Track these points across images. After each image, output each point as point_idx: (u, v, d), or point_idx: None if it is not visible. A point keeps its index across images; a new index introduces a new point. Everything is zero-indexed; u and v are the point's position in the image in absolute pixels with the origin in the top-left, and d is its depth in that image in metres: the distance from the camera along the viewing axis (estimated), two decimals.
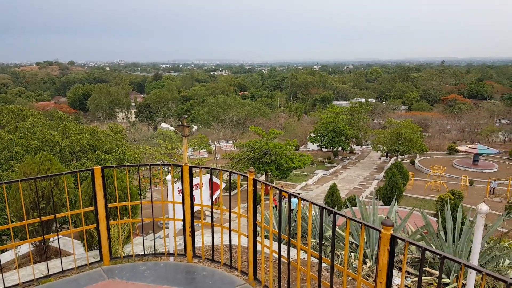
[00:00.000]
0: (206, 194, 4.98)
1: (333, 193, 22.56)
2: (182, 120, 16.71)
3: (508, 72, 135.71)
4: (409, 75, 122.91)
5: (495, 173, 38.72)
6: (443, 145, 53.23)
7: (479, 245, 3.30)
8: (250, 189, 3.76)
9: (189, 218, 4.57)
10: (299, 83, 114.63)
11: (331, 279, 2.98)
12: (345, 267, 2.90)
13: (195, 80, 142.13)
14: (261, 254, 4.01)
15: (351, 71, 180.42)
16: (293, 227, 7.76)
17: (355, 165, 45.82)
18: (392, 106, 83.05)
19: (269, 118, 69.08)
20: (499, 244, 6.83)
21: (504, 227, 19.01)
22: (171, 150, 26.35)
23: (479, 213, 3.28)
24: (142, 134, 57.83)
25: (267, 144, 31.46)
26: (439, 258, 6.12)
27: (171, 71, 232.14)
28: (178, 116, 79.22)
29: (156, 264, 4.61)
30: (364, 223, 2.64)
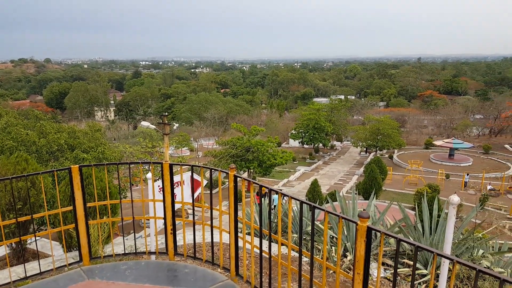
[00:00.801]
0: (188, 192, 4.97)
1: (315, 189, 22.82)
2: (163, 118, 16.53)
3: (481, 69, 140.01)
4: (387, 72, 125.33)
5: (470, 167, 39.97)
6: (420, 140, 54.55)
7: (451, 235, 3.44)
8: (231, 186, 3.79)
9: (170, 216, 4.56)
10: (280, 80, 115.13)
11: (311, 272, 3.05)
12: (324, 260, 2.97)
13: (175, 77, 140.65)
14: (243, 250, 4.05)
15: (330, 68, 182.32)
16: (275, 222, 7.84)
17: (336, 161, 46.45)
18: (370, 103, 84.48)
19: (251, 115, 69.14)
20: (473, 235, 7.09)
21: (478, 218, 19.68)
22: (152, 149, 26.06)
23: (451, 204, 3.41)
24: (121, 132, 56.83)
25: (249, 141, 31.50)
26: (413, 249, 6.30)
27: (151, 68, 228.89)
28: (158, 114, 78.25)
29: (137, 263, 4.59)
30: (341, 215, 2.71)
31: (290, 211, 3.31)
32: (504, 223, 23.78)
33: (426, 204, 7.02)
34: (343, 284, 5.08)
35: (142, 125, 18.43)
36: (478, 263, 6.64)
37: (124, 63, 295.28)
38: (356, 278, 2.69)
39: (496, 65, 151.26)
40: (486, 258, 6.80)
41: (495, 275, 2.15)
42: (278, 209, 3.41)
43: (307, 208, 7.76)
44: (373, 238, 6.59)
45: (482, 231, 11.51)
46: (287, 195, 3.24)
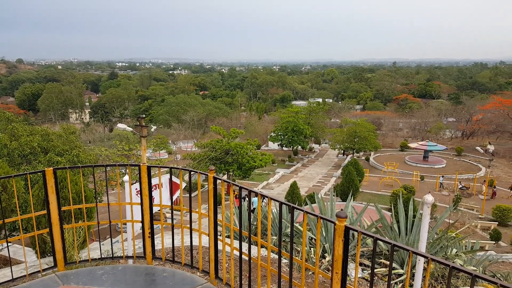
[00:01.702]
0: (166, 195, 4.92)
1: (294, 191, 23.00)
2: (140, 120, 16.25)
3: (454, 73, 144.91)
4: (363, 76, 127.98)
5: (444, 169, 41.20)
6: (396, 142, 55.86)
7: (426, 234, 3.54)
8: (211, 187, 3.77)
9: (148, 219, 4.50)
10: (259, 83, 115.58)
11: (290, 273, 3.07)
12: (303, 261, 3.00)
13: (153, 79, 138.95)
14: (225, 253, 4.03)
15: (308, 72, 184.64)
16: (254, 225, 7.84)
17: (314, 163, 46.94)
18: (347, 106, 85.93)
19: (230, 117, 69.03)
20: (446, 234, 7.32)
21: (451, 218, 20.30)
22: (128, 151, 25.59)
23: (425, 203, 3.51)
24: (97, 135, 55.65)
25: (228, 144, 31.42)
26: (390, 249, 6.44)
27: (127, 69, 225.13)
28: (135, 116, 77.12)
29: (114, 268, 4.49)
30: (320, 216, 2.75)
31: (270, 213, 3.32)
32: (476, 223, 24.62)
33: (402, 205, 7.19)
34: (322, 285, 5.13)
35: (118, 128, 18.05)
36: (452, 262, 6.85)
37: (100, 64, 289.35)
38: (335, 278, 2.72)
39: (468, 69, 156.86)
40: (459, 257, 7.02)
41: (467, 271, 2.22)
42: (258, 211, 3.42)
43: (286, 210, 7.82)
44: (351, 239, 6.70)
45: (455, 231, 11.89)
46: (266, 197, 3.25)
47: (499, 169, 41.58)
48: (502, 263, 14.02)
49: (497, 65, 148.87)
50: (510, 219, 24.88)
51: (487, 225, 24.28)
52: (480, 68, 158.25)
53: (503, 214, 24.71)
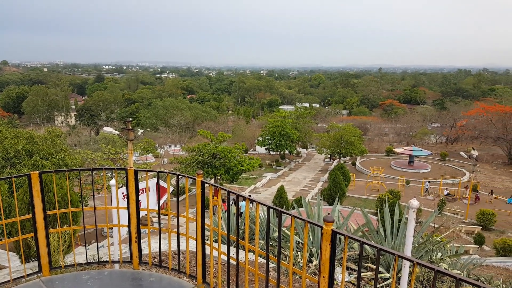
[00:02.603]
0: (153, 199, 4.88)
1: (281, 195, 23.03)
2: (127, 123, 16.06)
3: (438, 80, 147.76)
4: (349, 81, 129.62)
5: (429, 173, 41.87)
6: (382, 147, 56.57)
7: (411, 238, 3.60)
8: (199, 192, 3.77)
9: (134, 223, 4.46)
10: (247, 88, 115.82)
11: (277, 277, 3.09)
12: (291, 264, 3.02)
13: (140, 82, 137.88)
14: (212, 257, 4.02)
15: (296, 77, 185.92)
16: (242, 229, 7.83)
17: (301, 168, 47.17)
18: (334, 111, 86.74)
19: (217, 121, 68.91)
20: (431, 238, 7.43)
21: (436, 223, 20.60)
22: (115, 155, 25.32)
23: (411, 207, 3.57)
24: (83, 138, 54.79)
25: (216, 148, 31.34)
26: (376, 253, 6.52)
27: (114, 72, 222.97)
28: (122, 119, 76.33)
29: (100, 273, 4.44)
30: (307, 220, 2.78)
31: (258, 217, 3.34)
32: (460, 227, 25.05)
33: (388, 210, 7.29)
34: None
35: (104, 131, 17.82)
36: (437, 266, 6.96)
37: (86, 67, 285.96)
38: (322, 282, 2.75)
39: (452, 76, 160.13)
40: (444, 261, 7.14)
41: (451, 274, 2.27)
42: (245, 215, 3.43)
43: (274, 214, 7.84)
44: (338, 243, 6.75)
45: (440, 235, 12.07)
46: (254, 201, 3.27)
47: (482, 174, 42.48)
48: (485, 267, 14.30)
49: (480, 72, 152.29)
50: (493, 223, 25.40)
51: (471, 229, 24.73)
52: (464, 74, 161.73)
53: (486, 218, 25.21)
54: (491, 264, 16.21)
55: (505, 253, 19.38)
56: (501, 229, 25.48)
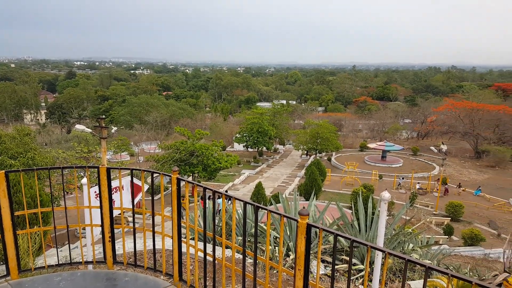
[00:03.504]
0: (127, 198, 4.80)
1: (259, 191, 23.16)
2: (100, 120, 15.67)
3: (410, 77, 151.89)
4: (325, 79, 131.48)
5: (401, 168, 43.03)
6: (356, 143, 57.68)
7: (383, 229, 3.70)
8: (174, 189, 3.73)
9: (108, 223, 4.37)
10: (224, 84, 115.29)
11: (254, 271, 3.10)
12: (267, 259, 3.04)
13: (113, 78, 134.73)
14: (189, 255, 3.99)
15: (272, 74, 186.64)
16: (219, 226, 7.82)
17: (279, 164, 47.48)
18: (310, 108, 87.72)
19: (194, 119, 68.32)
20: (403, 230, 7.65)
21: (408, 215, 21.22)
22: (87, 154, 24.70)
23: (382, 200, 3.67)
24: (54, 137, 53.12)
25: (193, 145, 31.08)
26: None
27: (86, 68, 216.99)
28: (95, 116, 74.46)
29: (73, 274, 4.33)
30: (283, 214, 2.80)
31: (234, 213, 3.34)
32: (431, 218, 25.93)
33: (362, 203, 7.46)
34: (287, 282, 5.21)
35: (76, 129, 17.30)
36: (409, 256, 7.18)
37: (56, 62, 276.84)
38: (297, 274, 2.79)
39: (422, 73, 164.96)
40: (415, 251, 7.38)
41: (421, 263, 2.35)
42: (222, 211, 3.43)
43: (251, 210, 7.87)
44: (314, 237, 6.86)
45: (411, 227, 12.43)
46: (230, 196, 3.27)
47: (451, 168, 44.03)
48: (454, 256, 14.87)
49: (449, 70, 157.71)
50: (461, 214, 26.43)
51: (440, 221, 25.63)
52: (434, 72, 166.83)
53: (455, 210, 26.21)
54: (460, 253, 16.88)
55: (472, 243, 20.25)
56: (469, 220, 26.55)
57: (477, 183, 37.57)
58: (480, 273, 8.28)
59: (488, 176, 42.37)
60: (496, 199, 32.74)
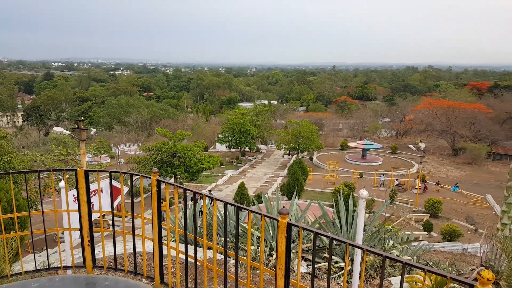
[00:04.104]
0: (107, 200, 4.73)
1: (242, 192, 23.19)
2: (79, 122, 15.36)
3: (388, 76, 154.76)
4: (305, 79, 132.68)
5: (381, 166, 43.80)
6: (337, 142, 58.42)
7: (362, 226, 3.76)
8: (154, 190, 3.70)
9: (87, 226, 4.29)
10: (206, 85, 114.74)
11: (236, 271, 3.11)
12: (249, 259, 3.05)
13: (92, 79, 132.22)
14: (170, 257, 3.96)
15: (254, 74, 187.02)
16: (202, 227, 7.79)
17: (262, 164, 47.60)
18: (292, 108, 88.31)
19: (176, 119, 67.73)
20: (383, 227, 7.80)
21: (388, 212, 21.62)
22: (66, 156, 24.16)
23: (360, 197, 3.74)
24: (31, 139, 51.76)
25: (175, 146, 30.82)
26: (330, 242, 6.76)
27: (64, 70, 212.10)
28: (74, 118, 72.87)
29: (51, 279, 4.23)
30: (263, 214, 2.82)
31: (215, 214, 3.34)
32: (411, 215, 26.50)
33: (342, 201, 7.55)
34: (269, 282, 5.24)
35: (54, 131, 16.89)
36: (389, 253, 7.33)
37: (33, 64, 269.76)
38: (279, 273, 2.81)
39: (400, 73, 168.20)
40: (395, 248, 7.53)
41: (398, 259, 2.41)
42: (203, 212, 3.42)
43: (234, 210, 7.86)
44: (297, 236, 6.92)
45: (391, 224, 12.68)
46: (211, 197, 3.27)
47: (429, 165, 45.12)
48: (434, 252, 15.23)
49: (426, 69, 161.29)
50: (440, 211, 27.11)
51: (420, 217, 26.23)
52: (411, 71, 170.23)
53: (434, 206, 26.86)
54: (439, 249, 17.30)
55: (451, 238, 20.79)
56: (447, 216, 27.27)
57: (455, 180, 38.61)
58: (459, 267, 8.52)
59: (465, 172, 43.62)
60: (473, 195, 33.74)
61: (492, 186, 36.78)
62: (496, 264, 6.50)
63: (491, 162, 50.14)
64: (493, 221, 26.19)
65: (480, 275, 2.13)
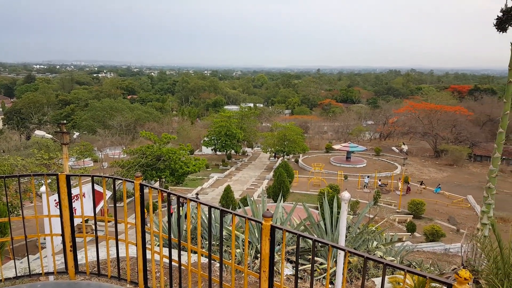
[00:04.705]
0: (89, 205, 4.67)
1: (228, 195, 23.09)
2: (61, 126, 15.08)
3: (371, 80, 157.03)
4: (290, 82, 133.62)
5: (365, 168, 44.30)
6: (322, 144, 58.89)
7: (344, 228, 3.82)
8: (137, 195, 3.68)
9: (69, 232, 4.23)
10: (191, 88, 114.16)
11: (220, 275, 3.12)
12: (233, 262, 3.07)
13: (75, 82, 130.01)
14: (154, 261, 3.93)
15: (239, 77, 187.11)
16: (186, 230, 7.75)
17: (248, 167, 47.58)
18: (277, 110, 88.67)
19: (161, 122, 67.12)
20: (367, 228, 7.90)
21: (372, 213, 21.85)
22: (48, 161, 23.68)
23: (342, 200, 3.80)
24: (12, 143, 50.41)
25: (160, 150, 30.54)
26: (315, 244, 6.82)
27: (46, 72, 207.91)
28: (56, 122, 71.51)
29: (32, 286, 4.16)
30: (247, 217, 2.84)
31: (199, 218, 3.34)
32: (394, 216, 26.87)
33: (327, 203, 7.63)
34: (254, 285, 5.25)
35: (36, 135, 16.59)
36: (373, 254, 7.43)
37: (14, 66, 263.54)
38: (263, 276, 2.83)
39: (383, 76, 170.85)
40: (379, 249, 7.63)
41: (379, 260, 2.47)
42: (187, 216, 3.42)
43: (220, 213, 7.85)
44: (282, 238, 6.95)
45: (375, 225, 12.84)
46: (195, 201, 3.27)
47: (412, 167, 45.87)
48: (417, 252, 15.48)
49: (408, 72, 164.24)
50: (423, 211, 27.57)
51: (403, 218, 26.62)
52: (394, 75, 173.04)
53: (417, 207, 27.30)
54: (422, 249, 17.60)
55: (433, 238, 21.15)
56: (430, 217, 27.75)
57: (437, 181, 39.34)
58: (441, 267, 8.70)
59: (447, 174, 44.50)
60: (455, 196, 34.44)
61: (473, 187, 37.63)
62: (476, 264, 6.67)
63: (472, 163, 51.31)
64: (474, 221, 26.78)
65: (458, 274, 2.20)
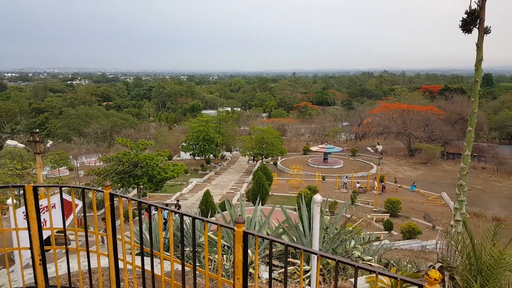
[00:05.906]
0: (59, 216, 4.52)
1: (207, 200, 22.92)
2: (34, 135, 14.58)
3: (346, 82, 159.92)
4: (267, 86, 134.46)
5: (342, 168, 44.92)
6: (299, 146, 59.42)
7: (317, 231, 3.84)
8: (107, 205, 3.59)
9: (37, 245, 4.08)
10: (168, 93, 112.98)
11: (194, 283, 3.07)
12: (206, 269, 3.03)
13: (49, 90, 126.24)
14: (127, 272, 3.84)
15: (216, 82, 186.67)
16: (167, 238, 7.63)
17: (227, 171, 47.41)
18: (255, 114, 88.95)
19: (138, 129, 66.11)
20: (345, 228, 7.98)
21: (350, 213, 22.12)
22: (21, 171, 22.91)
23: (315, 202, 3.82)
24: None
25: (137, 156, 30.05)
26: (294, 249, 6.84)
27: (18, 80, 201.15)
28: (29, 131, 69.13)
29: None
30: (219, 223, 2.82)
31: (171, 224, 3.29)
32: (371, 215, 27.33)
33: (305, 205, 7.66)
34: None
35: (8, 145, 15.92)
36: (351, 254, 7.50)
37: None
38: (237, 284, 2.80)
39: (357, 78, 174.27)
40: (357, 249, 7.72)
41: (350, 263, 2.47)
42: (159, 225, 3.36)
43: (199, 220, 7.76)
44: (261, 242, 6.94)
45: (353, 224, 12.99)
46: (167, 209, 3.22)
47: (388, 166, 46.87)
48: (394, 250, 15.78)
49: (381, 74, 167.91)
50: (399, 210, 28.15)
51: (380, 217, 27.11)
52: (367, 77, 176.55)
53: (393, 206, 27.86)
54: (399, 247, 17.95)
55: (410, 236, 21.63)
56: (406, 215, 28.37)
57: (412, 180, 40.32)
58: (418, 264, 8.88)
59: (421, 172, 45.69)
60: (430, 193, 35.38)
61: (447, 184, 38.77)
62: (451, 260, 6.84)
63: (445, 161, 52.93)
64: (449, 217, 27.44)
65: (428, 275, 2.24)
